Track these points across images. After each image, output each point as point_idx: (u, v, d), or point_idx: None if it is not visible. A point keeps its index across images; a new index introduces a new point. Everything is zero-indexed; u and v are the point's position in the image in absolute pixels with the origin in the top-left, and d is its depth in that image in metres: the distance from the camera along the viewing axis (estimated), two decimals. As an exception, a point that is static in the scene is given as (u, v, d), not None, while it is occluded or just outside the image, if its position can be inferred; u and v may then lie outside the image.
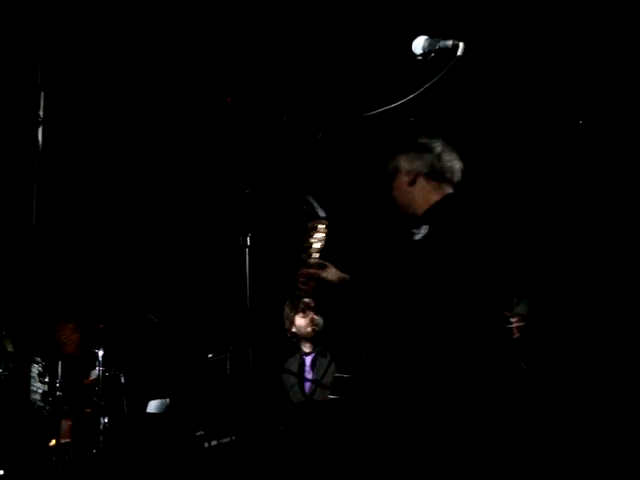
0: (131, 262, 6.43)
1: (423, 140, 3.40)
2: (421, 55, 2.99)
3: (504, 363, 3.11)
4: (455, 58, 2.86)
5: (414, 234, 3.31)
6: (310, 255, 3.18)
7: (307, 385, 5.33)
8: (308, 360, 5.41)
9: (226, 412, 4.96)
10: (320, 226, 3.17)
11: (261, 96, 5.52)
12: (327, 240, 3.20)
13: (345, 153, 5.44)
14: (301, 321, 5.39)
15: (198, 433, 4.94)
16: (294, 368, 5.44)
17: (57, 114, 3.44)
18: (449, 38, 2.93)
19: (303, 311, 5.38)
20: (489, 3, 4.68)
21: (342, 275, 3.23)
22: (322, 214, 3.24)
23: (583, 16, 4.67)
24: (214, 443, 4.85)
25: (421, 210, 3.33)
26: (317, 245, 3.18)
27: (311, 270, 3.19)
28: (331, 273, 3.22)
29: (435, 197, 3.32)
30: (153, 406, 5.51)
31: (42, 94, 3.13)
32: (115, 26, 4.98)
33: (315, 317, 5.36)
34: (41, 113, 3.09)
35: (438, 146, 3.37)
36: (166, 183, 6.33)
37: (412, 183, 3.36)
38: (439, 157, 3.34)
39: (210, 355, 5.31)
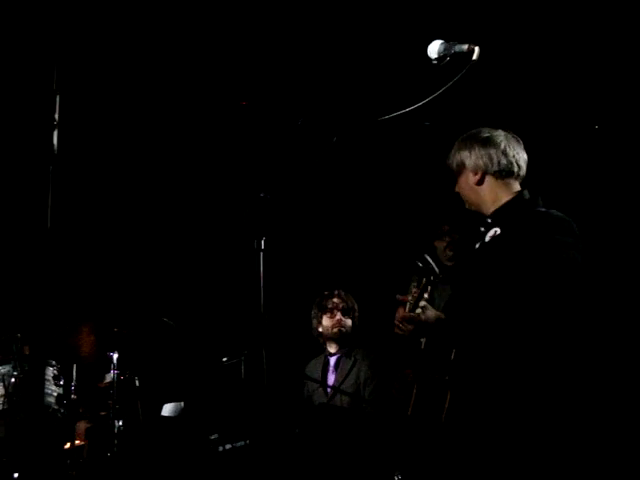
0: (146, 265, 6.44)
1: (487, 134, 3.35)
2: (436, 59, 2.98)
3: (586, 384, 3.14)
4: (470, 62, 2.85)
5: (484, 233, 3.30)
6: (417, 305, 3.31)
7: (329, 382, 5.36)
8: (332, 360, 5.43)
9: (240, 416, 4.95)
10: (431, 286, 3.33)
11: (276, 100, 5.52)
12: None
13: (360, 157, 5.44)
14: (328, 321, 5.41)
15: (212, 437, 4.94)
16: (318, 368, 5.47)
17: (72, 117, 3.44)
18: (465, 42, 2.93)
19: (331, 311, 5.41)
20: (505, 7, 4.67)
21: (438, 314, 3.31)
22: (437, 271, 3.36)
23: (601, 22, 4.64)
24: (228, 447, 4.84)
25: (491, 209, 3.32)
26: (426, 299, 3.32)
27: (412, 314, 3.28)
28: (429, 315, 3.29)
29: (505, 196, 3.29)
30: (168, 409, 5.51)
31: (57, 97, 3.14)
32: (131, 30, 5.00)
33: (342, 318, 5.38)
34: (56, 116, 3.10)
35: (502, 140, 3.32)
36: (181, 186, 6.33)
37: (480, 182, 3.32)
38: (505, 152, 3.29)
39: (225, 359, 5.31)
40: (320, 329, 5.45)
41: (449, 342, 3.35)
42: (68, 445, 4.87)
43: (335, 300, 5.42)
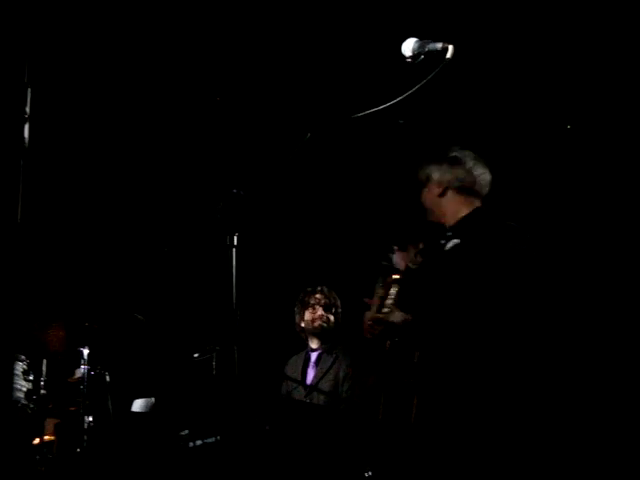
0: (117, 260, 6.40)
1: (456, 153, 3.58)
2: (410, 57, 2.99)
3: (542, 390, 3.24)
4: (444, 60, 2.87)
5: (443, 244, 3.45)
6: (384, 304, 3.50)
7: (309, 377, 5.36)
8: (313, 356, 5.47)
9: (211, 412, 4.94)
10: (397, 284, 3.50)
11: (250, 96, 5.50)
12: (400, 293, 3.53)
13: (333, 154, 5.43)
14: (309, 316, 5.44)
15: (183, 433, 4.92)
16: (298, 364, 5.50)
17: (44, 111, 3.42)
18: (439, 40, 2.94)
19: (313, 307, 5.45)
20: (478, 6, 4.69)
21: (406, 316, 3.45)
22: (400, 269, 3.61)
23: (571, 21, 4.67)
24: (199, 443, 4.83)
25: (450, 221, 3.54)
26: (392, 298, 3.50)
27: (380, 315, 3.48)
28: (396, 316, 3.46)
29: (464, 210, 3.52)
30: (138, 405, 5.48)
31: (29, 90, 3.11)
32: (103, 22, 4.96)
33: (324, 314, 5.40)
34: (28, 110, 3.07)
35: (470, 160, 3.56)
36: (153, 182, 6.30)
37: (442, 194, 3.56)
38: (470, 171, 3.53)
39: (196, 354, 5.30)
40: (302, 324, 5.49)
41: (414, 344, 3.43)
42: (37, 441, 4.84)
43: (317, 296, 5.48)
